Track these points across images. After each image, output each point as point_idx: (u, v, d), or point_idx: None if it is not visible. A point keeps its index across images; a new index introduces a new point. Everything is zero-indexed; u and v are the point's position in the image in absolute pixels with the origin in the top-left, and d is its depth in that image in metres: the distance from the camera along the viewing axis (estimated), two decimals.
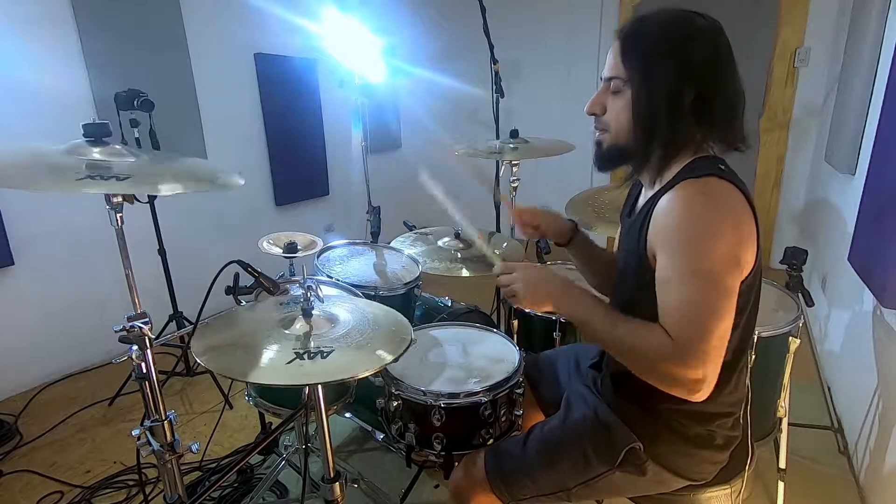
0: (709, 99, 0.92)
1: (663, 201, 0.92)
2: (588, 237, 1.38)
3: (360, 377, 1.00)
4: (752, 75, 3.54)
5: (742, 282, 0.90)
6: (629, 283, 1.05)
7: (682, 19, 0.93)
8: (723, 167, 0.93)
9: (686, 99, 0.92)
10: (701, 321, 0.84)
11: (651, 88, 0.93)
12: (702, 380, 0.83)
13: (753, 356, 1.45)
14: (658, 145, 0.96)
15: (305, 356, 1.02)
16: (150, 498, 1.83)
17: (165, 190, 1.04)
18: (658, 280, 0.90)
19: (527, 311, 1.71)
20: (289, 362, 1.00)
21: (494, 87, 2.37)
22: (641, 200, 1.09)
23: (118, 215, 1.08)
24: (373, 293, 1.62)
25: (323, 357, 1.01)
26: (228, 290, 1.20)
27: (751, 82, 3.52)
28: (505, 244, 2.04)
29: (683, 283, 0.86)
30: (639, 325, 0.91)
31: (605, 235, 3.96)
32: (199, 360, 1.01)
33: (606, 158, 1.04)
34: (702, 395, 0.85)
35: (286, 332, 1.11)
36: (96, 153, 1.07)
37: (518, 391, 1.34)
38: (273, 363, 1.01)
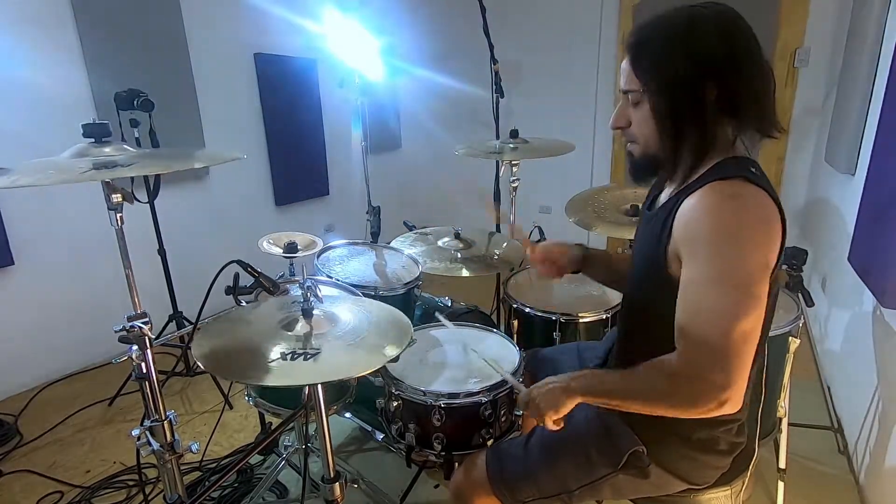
0: (733, 90, 0.88)
1: (688, 203, 0.89)
2: (599, 253, 1.35)
3: (360, 376, 1.01)
4: None
5: None
6: (643, 283, 1.04)
7: (682, 16, 0.90)
8: (754, 170, 0.90)
9: (709, 95, 0.89)
10: (723, 326, 0.81)
11: (668, 93, 0.90)
12: (727, 385, 0.80)
13: None
14: (688, 149, 0.93)
15: (290, 357, 1.02)
16: (150, 498, 1.83)
17: (174, 167, 1.04)
18: (682, 285, 0.88)
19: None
20: (271, 361, 1.00)
21: (494, 88, 2.37)
22: (664, 196, 1.05)
23: (118, 215, 1.08)
24: (373, 293, 1.62)
25: (305, 359, 1.01)
26: (228, 290, 1.20)
27: None
28: (505, 244, 2.05)
29: (711, 289, 0.84)
30: (646, 363, 0.90)
31: (605, 235, 3.96)
32: (200, 364, 1.00)
33: (640, 168, 1.01)
34: (733, 405, 0.82)
35: (288, 333, 1.11)
36: (104, 151, 1.08)
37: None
38: (269, 364, 1.01)
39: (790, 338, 1.51)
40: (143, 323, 1.07)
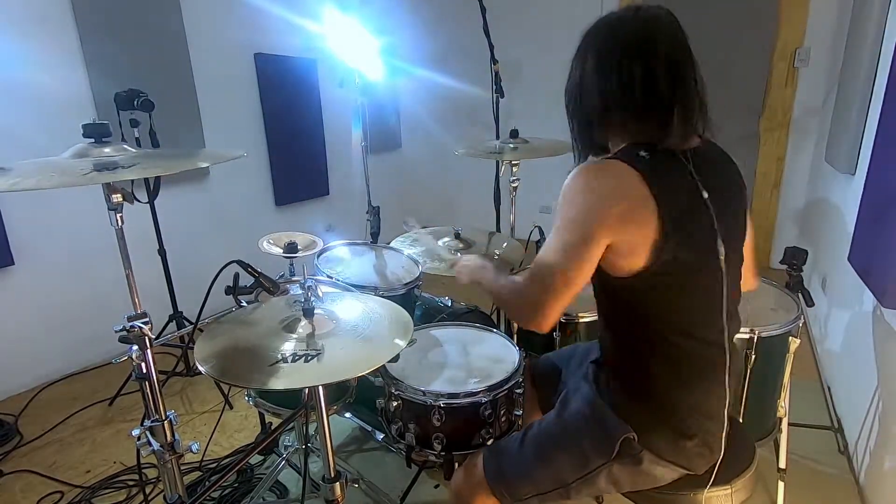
0: (612, 100, 0.97)
1: None
2: None
3: (364, 374, 1.01)
4: (752, 75, 3.54)
5: (649, 267, 0.93)
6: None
7: (606, 18, 1.00)
8: (643, 153, 0.94)
9: (587, 95, 1.01)
10: (548, 262, 0.95)
11: (568, 92, 1.07)
12: (538, 305, 0.96)
13: (753, 356, 1.45)
14: (575, 137, 1.09)
15: (293, 359, 1.02)
16: (150, 498, 1.83)
17: (175, 168, 1.05)
18: None
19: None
20: (271, 365, 1.00)
21: (494, 88, 2.37)
22: None
23: (118, 216, 1.08)
24: (373, 293, 1.62)
25: (307, 361, 1.01)
26: (228, 290, 1.20)
27: (751, 82, 3.56)
28: (505, 244, 2.05)
29: (551, 235, 0.97)
30: (517, 276, 1.06)
31: None
32: (202, 369, 1.00)
33: (574, 150, 1.15)
34: (541, 322, 0.97)
35: (289, 334, 1.11)
36: (104, 151, 1.08)
37: (518, 391, 1.34)
38: (273, 367, 1.01)
39: (790, 338, 1.51)
40: (143, 323, 1.07)
